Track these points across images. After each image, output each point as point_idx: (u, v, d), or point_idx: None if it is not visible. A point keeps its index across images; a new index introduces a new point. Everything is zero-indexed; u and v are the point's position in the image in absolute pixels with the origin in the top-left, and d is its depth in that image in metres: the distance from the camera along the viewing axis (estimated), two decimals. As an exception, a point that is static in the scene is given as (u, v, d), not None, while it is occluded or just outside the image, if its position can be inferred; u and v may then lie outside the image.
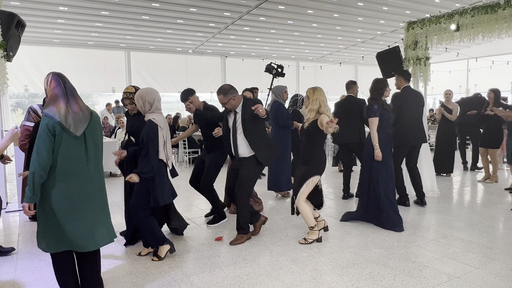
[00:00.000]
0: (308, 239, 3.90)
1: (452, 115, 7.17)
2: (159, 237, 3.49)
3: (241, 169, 3.87)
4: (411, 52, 5.95)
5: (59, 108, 2.31)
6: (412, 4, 10.17)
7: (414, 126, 5.10)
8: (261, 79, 12.85)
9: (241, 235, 3.93)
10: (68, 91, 2.38)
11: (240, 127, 3.83)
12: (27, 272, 3.32)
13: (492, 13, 5.02)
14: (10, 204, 5.66)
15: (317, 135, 3.79)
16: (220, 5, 9.69)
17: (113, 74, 14.23)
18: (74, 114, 2.34)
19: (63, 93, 2.35)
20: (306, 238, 3.92)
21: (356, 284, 2.99)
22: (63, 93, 2.35)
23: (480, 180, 6.88)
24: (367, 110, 4.39)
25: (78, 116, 2.35)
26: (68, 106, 2.34)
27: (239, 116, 3.85)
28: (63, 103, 2.33)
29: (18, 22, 4.86)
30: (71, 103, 2.36)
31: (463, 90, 16.12)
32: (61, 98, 2.34)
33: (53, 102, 2.33)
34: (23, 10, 8.69)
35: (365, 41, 14.31)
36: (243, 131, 3.82)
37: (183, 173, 8.37)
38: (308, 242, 3.87)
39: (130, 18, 10.44)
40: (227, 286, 3.00)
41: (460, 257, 3.48)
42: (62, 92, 2.35)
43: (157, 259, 3.50)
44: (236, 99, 3.80)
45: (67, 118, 2.30)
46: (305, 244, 3.87)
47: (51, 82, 2.41)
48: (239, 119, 3.84)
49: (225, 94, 3.78)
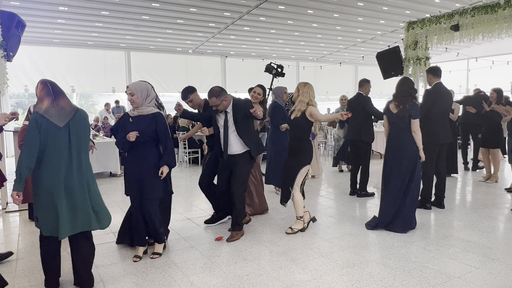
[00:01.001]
0: (294, 229, 4.18)
1: (454, 114, 7.17)
2: (163, 232, 3.64)
3: (236, 167, 4.01)
4: (411, 52, 5.96)
5: (44, 105, 2.67)
6: (412, 4, 10.17)
7: (443, 124, 4.96)
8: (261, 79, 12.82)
9: (237, 231, 4.08)
10: (54, 92, 2.72)
11: (232, 125, 3.98)
12: (27, 272, 3.32)
13: (492, 13, 5.03)
14: (10, 204, 5.66)
15: (307, 126, 4.11)
16: (220, 5, 9.70)
17: (113, 74, 14.22)
18: (59, 109, 2.69)
19: (49, 93, 2.70)
20: (292, 227, 4.19)
21: (356, 284, 2.99)
22: (50, 93, 2.70)
23: (481, 180, 6.88)
24: (414, 110, 4.14)
25: (63, 110, 2.70)
26: (54, 103, 2.69)
27: (230, 116, 3.98)
28: (49, 100, 2.69)
29: (18, 22, 4.86)
30: (58, 101, 2.71)
31: (463, 90, 16.11)
32: (48, 97, 2.69)
33: (41, 102, 2.70)
34: (23, 10, 8.69)
35: (365, 41, 14.32)
36: (235, 129, 3.97)
37: (183, 173, 8.36)
38: (294, 232, 4.15)
39: (130, 18, 10.44)
40: (227, 286, 3.00)
41: (460, 257, 3.48)
42: (49, 92, 2.71)
43: (158, 256, 3.54)
44: (227, 100, 3.94)
45: (51, 111, 2.65)
46: (292, 233, 4.14)
47: (39, 85, 2.76)
48: (231, 118, 3.98)
49: (217, 97, 3.86)
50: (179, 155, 9.80)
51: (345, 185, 6.70)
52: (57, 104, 2.69)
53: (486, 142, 6.83)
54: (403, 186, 4.17)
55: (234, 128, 3.97)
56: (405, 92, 4.20)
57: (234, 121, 3.96)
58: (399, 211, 4.18)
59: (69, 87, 13.46)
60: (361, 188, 5.87)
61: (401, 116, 4.15)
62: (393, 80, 5.42)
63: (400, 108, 4.16)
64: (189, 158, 9.48)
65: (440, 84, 5.02)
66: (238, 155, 4.03)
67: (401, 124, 4.17)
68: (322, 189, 6.62)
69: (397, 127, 4.22)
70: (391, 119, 4.26)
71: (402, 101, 4.17)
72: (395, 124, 4.24)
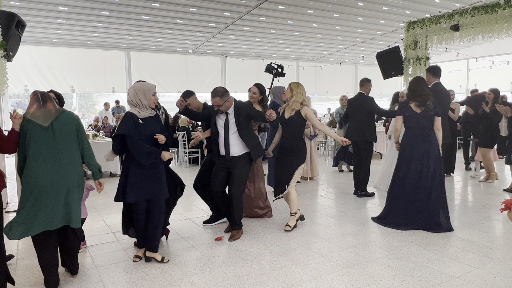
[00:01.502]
0: (291, 225, 4.29)
1: (455, 114, 7.17)
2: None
3: (235, 168, 4.02)
4: (411, 52, 5.96)
5: (32, 109, 2.92)
6: (412, 4, 10.17)
7: (444, 124, 4.88)
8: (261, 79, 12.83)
9: (237, 230, 4.11)
10: (42, 98, 2.96)
11: (234, 127, 3.98)
12: (27, 272, 3.32)
13: (492, 13, 5.03)
14: (10, 204, 5.66)
15: (302, 124, 4.26)
16: (220, 5, 9.69)
17: (113, 74, 14.22)
18: (45, 111, 2.90)
19: (38, 99, 2.95)
20: (289, 224, 4.31)
21: (356, 284, 2.99)
22: (38, 99, 2.95)
23: (481, 180, 6.88)
24: (437, 108, 4.22)
25: (48, 112, 2.91)
26: (41, 106, 2.92)
27: (231, 117, 3.97)
28: (37, 105, 2.92)
29: (18, 22, 4.86)
30: (45, 105, 2.94)
31: (463, 90, 16.11)
32: (36, 102, 2.94)
33: (30, 107, 2.94)
34: (23, 10, 8.69)
35: (365, 41, 14.32)
36: (237, 131, 3.97)
37: (183, 173, 8.37)
38: (291, 228, 4.26)
39: (130, 18, 10.44)
40: (227, 286, 3.00)
41: (460, 257, 3.48)
42: (37, 99, 2.96)
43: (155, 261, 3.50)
44: (230, 101, 3.94)
45: (37, 113, 2.88)
46: (290, 230, 4.24)
47: (31, 96, 3.00)
48: (232, 119, 3.97)
49: (221, 97, 3.86)
50: (179, 155, 9.80)
51: (345, 185, 6.70)
52: (44, 107, 2.93)
53: (480, 141, 6.86)
54: (428, 183, 4.20)
55: (236, 130, 3.97)
56: (424, 91, 4.22)
57: (236, 123, 3.95)
58: (423, 208, 4.20)
59: (69, 87, 13.47)
60: (361, 188, 5.86)
61: (426, 115, 4.19)
62: (393, 80, 5.41)
63: (424, 108, 4.19)
64: (189, 158, 9.48)
65: (439, 84, 5.01)
66: (238, 157, 4.03)
67: (426, 123, 4.21)
68: (322, 189, 6.62)
69: (420, 126, 4.23)
70: (414, 119, 4.23)
71: (424, 100, 4.19)
72: (419, 124, 4.23)
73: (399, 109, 4.41)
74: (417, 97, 4.22)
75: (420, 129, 4.24)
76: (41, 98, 2.96)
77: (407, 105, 4.29)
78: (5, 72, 4.69)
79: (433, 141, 4.24)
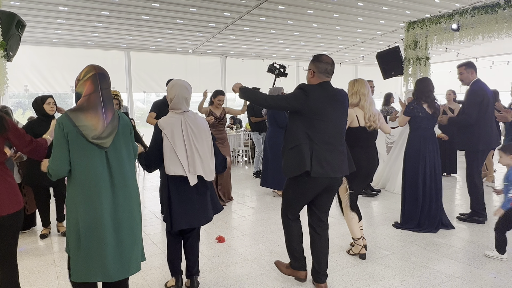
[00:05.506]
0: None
1: (455, 114, 7.15)
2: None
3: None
4: (411, 52, 5.96)
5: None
6: (412, 4, 10.15)
7: (485, 128, 4.43)
8: (261, 79, 12.85)
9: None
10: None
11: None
12: (27, 272, 3.32)
13: (492, 13, 5.03)
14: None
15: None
16: (220, 5, 9.68)
17: (113, 74, 14.10)
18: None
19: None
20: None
21: (356, 284, 2.99)
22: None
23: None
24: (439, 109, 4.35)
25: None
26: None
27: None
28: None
29: (18, 22, 4.86)
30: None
31: (463, 90, 16.09)
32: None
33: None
34: (23, 10, 8.68)
35: (365, 41, 14.30)
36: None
37: (183, 173, 8.37)
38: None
39: (130, 18, 10.43)
40: (227, 286, 3.00)
41: (460, 257, 3.48)
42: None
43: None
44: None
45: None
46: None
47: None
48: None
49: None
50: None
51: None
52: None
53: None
54: (438, 185, 4.28)
55: None
56: (431, 92, 4.25)
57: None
58: (437, 209, 4.24)
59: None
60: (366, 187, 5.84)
61: (435, 116, 4.28)
62: (393, 80, 5.42)
63: (433, 109, 4.23)
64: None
65: (482, 81, 4.50)
66: None
67: (435, 123, 4.34)
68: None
69: (432, 127, 4.30)
70: (426, 120, 4.21)
71: (433, 101, 4.23)
72: (431, 125, 4.28)
73: (410, 109, 4.22)
74: (427, 98, 4.18)
75: (431, 129, 4.32)
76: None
77: (420, 106, 4.17)
78: (5, 72, 4.69)
79: (437, 141, 4.35)
